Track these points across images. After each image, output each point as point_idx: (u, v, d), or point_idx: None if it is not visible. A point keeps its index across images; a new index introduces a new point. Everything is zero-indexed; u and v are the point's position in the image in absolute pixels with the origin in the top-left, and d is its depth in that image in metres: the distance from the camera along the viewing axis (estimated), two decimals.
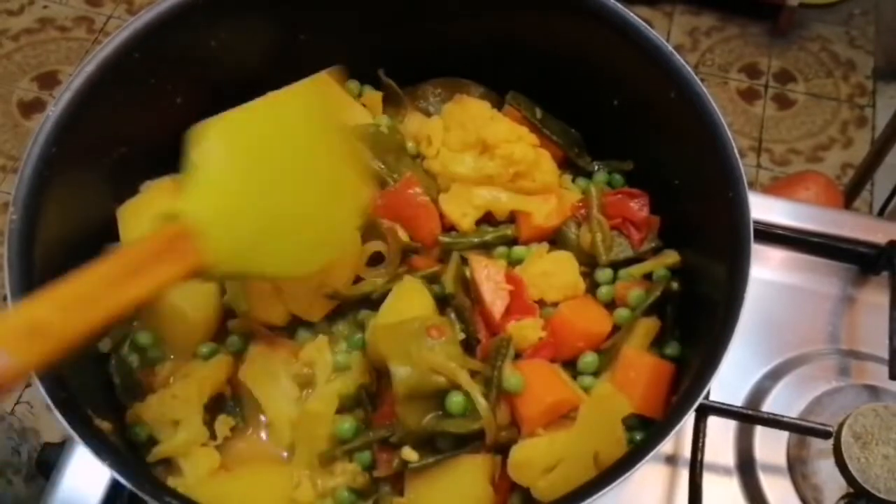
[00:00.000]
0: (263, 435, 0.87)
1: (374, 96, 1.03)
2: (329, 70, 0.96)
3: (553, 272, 0.91)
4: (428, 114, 1.04)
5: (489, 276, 0.89)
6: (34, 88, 2.54)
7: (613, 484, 0.68)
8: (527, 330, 0.87)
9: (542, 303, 0.91)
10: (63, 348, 0.50)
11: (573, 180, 1.02)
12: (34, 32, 2.66)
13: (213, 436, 0.84)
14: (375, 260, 0.92)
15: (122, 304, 0.56)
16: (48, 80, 2.56)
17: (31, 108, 2.50)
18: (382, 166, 0.95)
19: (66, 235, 0.83)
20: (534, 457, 0.80)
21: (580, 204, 0.96)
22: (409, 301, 0.86)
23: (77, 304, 0.51)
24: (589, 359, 0.88)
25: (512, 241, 0.96)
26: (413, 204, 0.93)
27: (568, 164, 1.02)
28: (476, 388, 0.80)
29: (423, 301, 0.87)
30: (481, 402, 0.79)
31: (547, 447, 0.80)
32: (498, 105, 1.02)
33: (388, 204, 0.93)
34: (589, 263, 0.95)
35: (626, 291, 0.91)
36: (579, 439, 0.79)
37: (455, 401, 0.80)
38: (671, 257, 0.94)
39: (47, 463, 0.93)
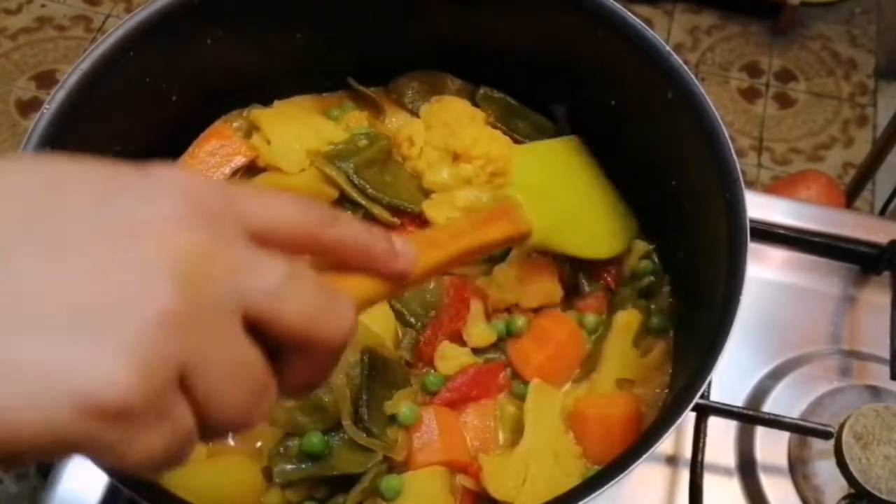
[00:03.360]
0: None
1: (358, 115, 1.03)
2: None
3: (529, 277, 0.91)
4: (407, 109, 1.05)
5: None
6: (32, 88, 2.54)
7: (609, 485, 0.67)
8: (452, 358, 0.88)
9: (516, 307, 0.92)
10: (440, 267, 0.62)
11: None
12: (32, 31, 2.65)
13: None
14: None
15: (475, 243, 0.70)
16: (46, 80, 2.55)
17: (28, 107, 2.49)
18: (364, 183, 0.95)
19: None
20: (503, 473, 0.80)
21: None
22: (369, 314, 0.88)
23: (450, 236, 0.65)
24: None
25: None
26: None
27: None
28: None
29: (383, 314, 0.90)
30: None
31: (510, 461, 0.81)
32: (475, 98, 1.03)
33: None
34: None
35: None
36: (534, 443, 0.81)
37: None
38: (640, 249, 0.97)
39: (46, 462, 0.92)
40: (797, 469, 0.92)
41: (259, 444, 0.84)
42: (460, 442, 0.85)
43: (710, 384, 0.89)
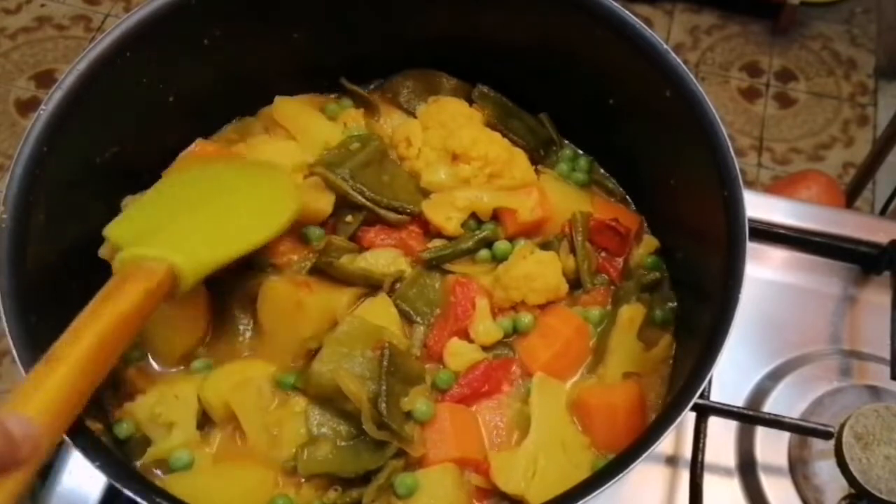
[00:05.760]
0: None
1: (354, 113, 1.03)
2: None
3: (535, 275, 0.91)
4: (401, 108, 1.05)
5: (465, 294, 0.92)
6: (31, 87, 2.54)
7: (610, 483, 0.67)
8: (462, 354, 0.89)
9: (522, 304, 0.92)
10: (88, 372, 0.60)
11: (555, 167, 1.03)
12: (31, 31, 2.65)
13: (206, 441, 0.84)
14: None
15: (108, 325, 0.64)
16: (45, 79, 2.55)
17: (28, 106, 2.49)
18: (361, 186, 0.94)
19: (57, 235, 0.82)
20: (512, 466, 0.81)
21: (568, 224, 0.96)
22: (375, 314, 0.89)
23: (71, 341, 0.61)
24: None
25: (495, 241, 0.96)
26: None
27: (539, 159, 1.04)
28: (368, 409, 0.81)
29: (388, 314, 0.90)
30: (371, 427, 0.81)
31: (518, 455, 0.81)
32: (470, 96, 1.03)
33: None
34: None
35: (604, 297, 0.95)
36: (541, 436, 0.82)
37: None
38: (650, 245, 0.98)
39: (44, 464, 0.92)
40: (797, 469, 0.91)
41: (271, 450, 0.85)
42: (474, 439, 0.85)
43: (710, 384, 0.89)
